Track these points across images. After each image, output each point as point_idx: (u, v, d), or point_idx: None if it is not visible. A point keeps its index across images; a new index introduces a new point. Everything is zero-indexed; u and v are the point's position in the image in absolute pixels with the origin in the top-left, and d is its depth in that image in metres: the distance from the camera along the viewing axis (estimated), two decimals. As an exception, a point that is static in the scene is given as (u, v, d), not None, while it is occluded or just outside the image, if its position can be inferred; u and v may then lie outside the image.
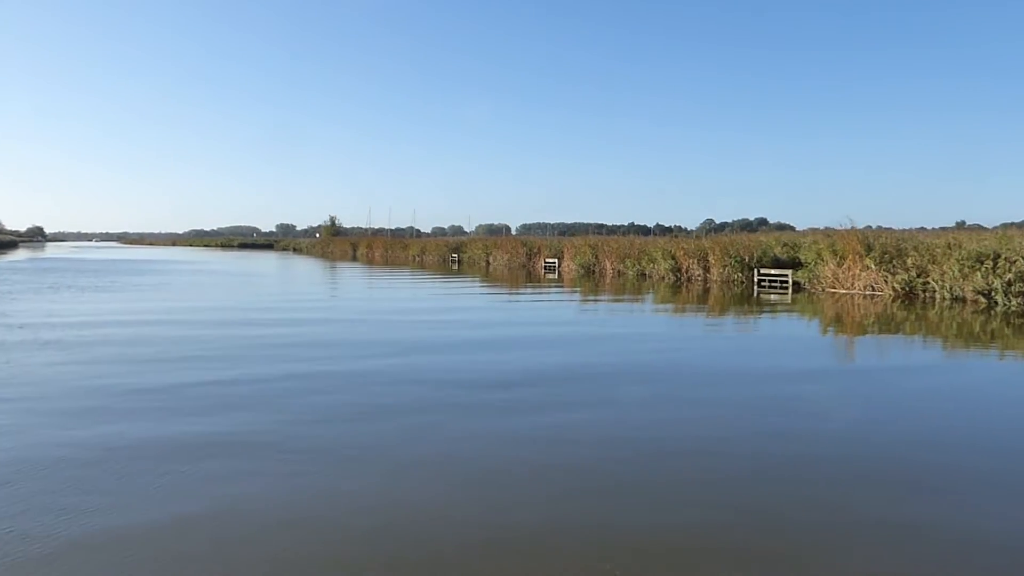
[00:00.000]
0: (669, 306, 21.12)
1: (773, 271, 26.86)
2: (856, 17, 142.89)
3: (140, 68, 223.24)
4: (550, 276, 36.50)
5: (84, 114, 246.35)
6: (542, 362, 10.65)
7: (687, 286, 27.93)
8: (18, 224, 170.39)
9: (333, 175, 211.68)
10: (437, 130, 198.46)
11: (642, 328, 16.08)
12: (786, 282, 26.08)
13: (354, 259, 67.52)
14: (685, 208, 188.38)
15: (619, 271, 34.52)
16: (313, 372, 9.45)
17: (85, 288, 22.82)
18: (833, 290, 23.68)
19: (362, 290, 28.14)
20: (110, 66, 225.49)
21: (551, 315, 18.98)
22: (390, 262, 58.50)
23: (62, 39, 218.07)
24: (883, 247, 23.08)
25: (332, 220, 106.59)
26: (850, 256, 23.29)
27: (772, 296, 23.95)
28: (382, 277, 36.81)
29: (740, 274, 27.91)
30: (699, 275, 29.61)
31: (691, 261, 29.72)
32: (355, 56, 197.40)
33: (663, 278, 30.77)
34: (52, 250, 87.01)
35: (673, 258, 30.57)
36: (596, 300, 23.45)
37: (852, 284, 23.16)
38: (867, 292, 22.62)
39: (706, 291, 25.95)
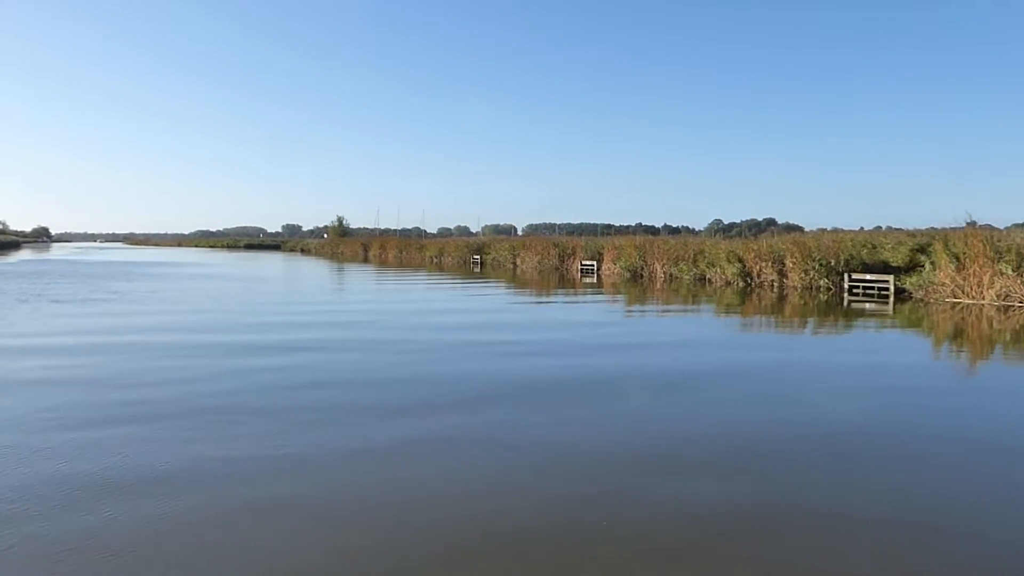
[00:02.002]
0: (770, 318, 17.25)
1: (868, 277, 22.91)
2: (861, 15, 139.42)
3: (146, 69, 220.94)
4: (588, 280, 32.65)
5: (92, 115, 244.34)
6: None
7: (758, 293, 24.05)
8: (25, 225, 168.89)
9: (338, 176, 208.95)
10: (442, 130, 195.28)
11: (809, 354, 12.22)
12: (886, 289, 22.15)
13: (365, 260, 63.80)
14: (692, 208, 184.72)
15: (671, 275, 30.61)
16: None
17: (57, 299, 19.01)
18: (954, 299, 19.75)
19: (387, 298, 24.37)
20: (116, 67, 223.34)
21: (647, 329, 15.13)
22: (404, 264, 54.76)
23: (68, 40, 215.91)
24: (1017, 249, 19.17)
25: (339, 220, 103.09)
26: (977, 260, 19.37)
27: (868, 305, 20.12)
28: (402, 282, 32.99)
29: (826, 280, 23.96)
30: (773, 280, 25.68)
31: (763, 264, 25.80)
32: (359, 57, 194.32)
33: (729, 283, 26.85)
34: (55, 251, 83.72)
35: (740, 261, 26.64)
36: (682, 310, 19.57)
37: (980, 293, 19.23)
38: (1001, 303, 18.68)
39: (782, 298, 22.12)
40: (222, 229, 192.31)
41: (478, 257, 49.17)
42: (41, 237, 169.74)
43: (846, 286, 23.33)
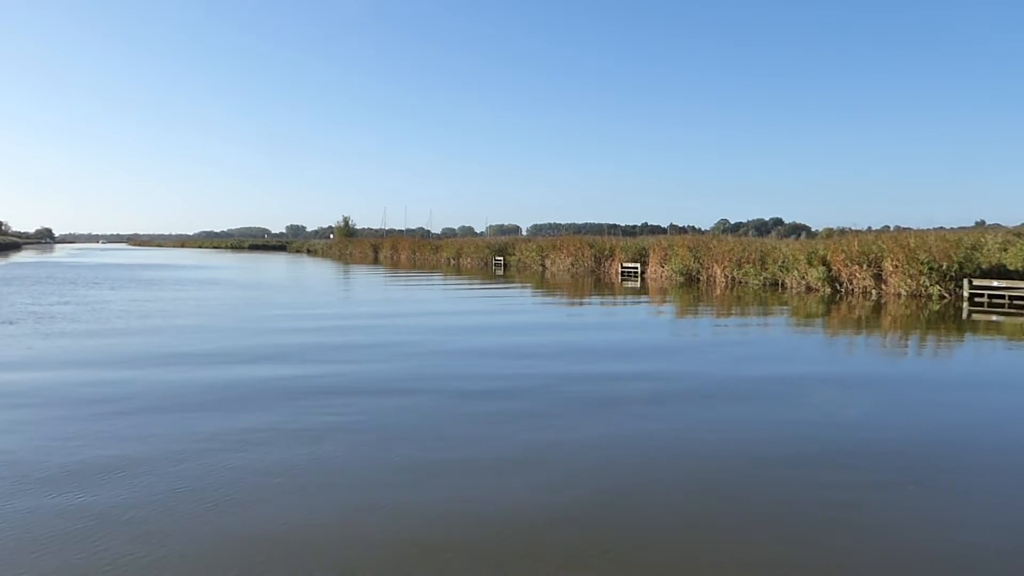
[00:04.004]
0: (926, 332, 13.39)
1: (996, 283, 19.04)
2: (865, 15, 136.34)
3: (151, 70, 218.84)
4: (632, 285, 28.82)
5: (97, 117, 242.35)
6: None
7: (850, 301, 20.20)
8: (30, 226, 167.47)
9: (342, 177, 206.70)
10: (447, 131, 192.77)
11: None
12: (1022, 299, 18.28)
13: (376, 262, 60.01)
14: (698, 208, 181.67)
15: (735, 279, 26.75)
16: None
17: (9, 319, 15.12)
18: None
19: (423, 308, 20.54)
20: (121, 68, 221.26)
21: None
22: (418, 265, 51.03)
23: (74, 42, 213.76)
24: None
25: (345, 221, 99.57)
26: None
27: (997, 317, 16.32)
28: (429, 288, 29.21)
29: (939, 287, 20.07)
30: (866, 286, 21.77)
31: (855, 268, 21.92)
32: (363, 57, 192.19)
33: (813, 289, 22.97)
34: (56, 253, 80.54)
35: (825, 263, 22.76)
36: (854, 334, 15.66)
37: None
38: None
39: (878, 307, 18.41)
40: (226, 230, 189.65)
41: (501, 258, 45.32)
42: (44, 238, 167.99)
43: (965, 294, 19.47)
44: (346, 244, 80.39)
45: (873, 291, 21.50)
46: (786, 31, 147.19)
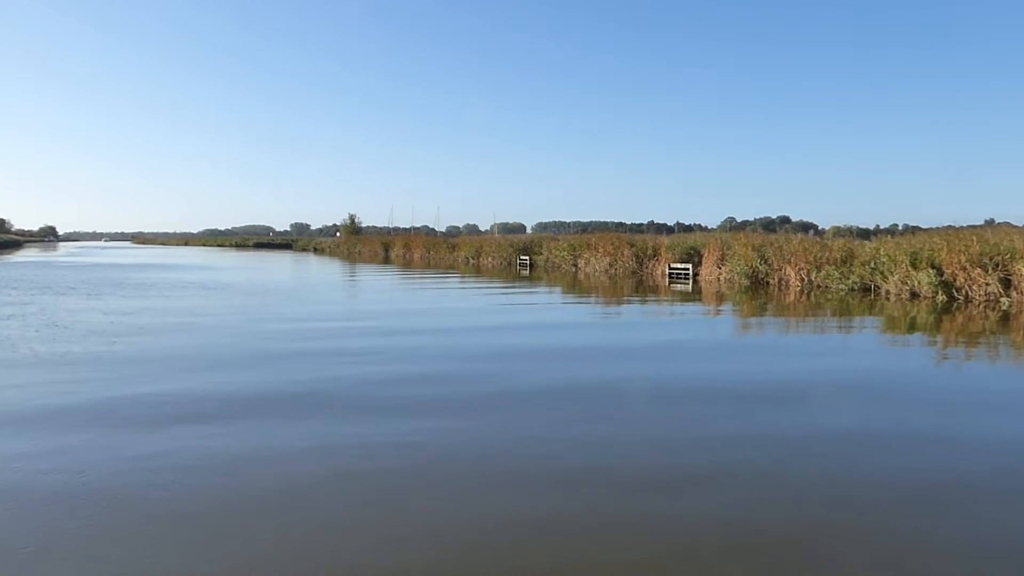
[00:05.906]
0: None
1: None
2: (869, 14, 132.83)
3: (153, 69, 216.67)
4: (681, 288, 25.25)
5: (100, 116, 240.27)
6: None
7: (968, 310, 16.59)
8: (33, 224, 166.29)
9: (346, 175, 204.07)
10: (451, 130, 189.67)
11: None
12: None
13: (386, 261, 56.50)
14: (704, 206, 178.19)
15: (813, 283, 23.11)
16: None
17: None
18: None
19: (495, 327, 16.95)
20: (124, 67, 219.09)
21: None
22: (433, 265, 47.55)
23: (76, 41, 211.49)
24: None
25: (352, 218, 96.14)
26: None
27: None
28: (471, 292, 25.67)
29: (1093, 294, 16.42)
30: (991, 293, 18.11)
31: (976, 271, 18.26)
32: (367, 55, 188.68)
33: (919, 296, 19.33)
34: (57, 251, 78.01)
35: (934, 266, 19.12)
36: None
37: None
38: None
39: (1008, 318, 14.94)
40: (230, 228, 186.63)
41: (527, 258, 41.71)
42: (47, 236, 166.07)
43: None
44: (354, 242, 76.93)
45: (1003, 299, 17.81)
46: (789, 30, 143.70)
